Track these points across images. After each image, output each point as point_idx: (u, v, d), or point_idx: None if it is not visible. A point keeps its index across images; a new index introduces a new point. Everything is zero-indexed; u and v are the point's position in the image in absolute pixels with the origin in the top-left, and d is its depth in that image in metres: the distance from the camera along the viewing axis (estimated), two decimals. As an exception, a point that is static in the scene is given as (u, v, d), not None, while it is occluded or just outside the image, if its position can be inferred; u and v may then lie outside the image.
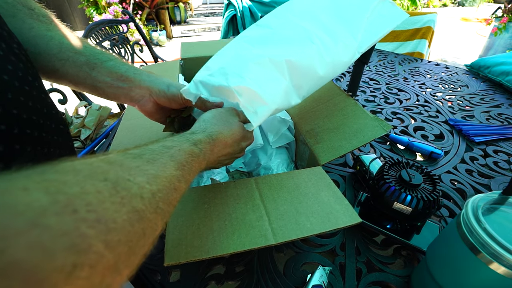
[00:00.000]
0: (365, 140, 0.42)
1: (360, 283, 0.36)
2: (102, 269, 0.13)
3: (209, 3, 5.87)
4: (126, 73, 0.36)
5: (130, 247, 0.15)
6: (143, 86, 0.37)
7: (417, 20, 1.63)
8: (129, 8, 3.58)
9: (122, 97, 0.37)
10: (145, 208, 0.16)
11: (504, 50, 2.76)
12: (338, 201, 0.35)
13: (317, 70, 0.41)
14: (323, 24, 0.42)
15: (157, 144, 0.23)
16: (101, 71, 0.35)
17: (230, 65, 0.38)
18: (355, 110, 0.48)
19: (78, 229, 0.12)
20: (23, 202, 0.11)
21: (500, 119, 0.76)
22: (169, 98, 0.37)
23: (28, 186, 0.12)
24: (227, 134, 0.32)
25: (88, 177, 0.14)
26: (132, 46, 1.31)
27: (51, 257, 0.11)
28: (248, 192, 0.36)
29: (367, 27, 0.44)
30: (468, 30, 4.87)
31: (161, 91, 0.37)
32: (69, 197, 0.13)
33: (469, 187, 0.52)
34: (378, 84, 0.97)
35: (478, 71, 1.06)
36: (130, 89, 0.36)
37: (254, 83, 0.37)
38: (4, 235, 0.10)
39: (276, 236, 0.31)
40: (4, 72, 0.24)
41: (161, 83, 0.37)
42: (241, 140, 0.35)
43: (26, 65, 0.28)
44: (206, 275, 0.37)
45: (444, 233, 0.31)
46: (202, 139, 0.28)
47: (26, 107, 0.26)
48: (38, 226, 0.11)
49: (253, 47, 0.39)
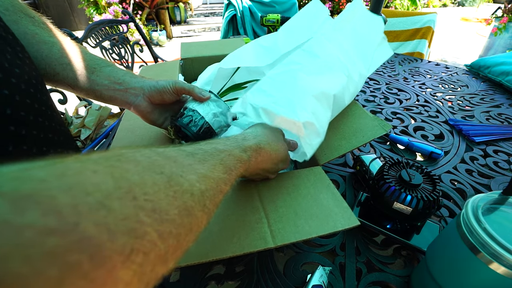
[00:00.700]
0: (365, 140, 0.42)
1: (360, 283, 0.36)
2: (154, 258, 0.13)
3: (209, 3, 5.87)
4: (123, 76, 0.38)
5: (178, 240, 0.15)
6: (137, 87, 0.38)
7: (417, 20, 1.63)
8: (129, 8, 3.58)
9: (118, 98, 0.39)
10: (194, 205, 0.17)
11: (504, 50, 2.76)
12: (337, 203, 0.35)
13: (345, 100, 0.45)
14: (349, 55, 0.46)
15: (210, 146, 0.24)
16: (100, 75, 0.37)
17: (294, 96, 0.40)
18: (355, 110, 0.48)
19: (137, 215, 0.13)
20: (92, 183, 0.12)
21: (500, 119, 0.76)
22: (159, 91, 0.38)
23: (97, 169, 0.13)
24: (274, 148, 0.33)
25: (146, 169, 0.15)
26: (132, 46, 1.31)
27: (113, 238, 0.11)
28: (247, 193, 0.36)
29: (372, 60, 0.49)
30: (468, 30, 4.87)
31: (151, 86, 0.38)
32: (130, 184, 0.13)
33: (469, 187, 0.52)
34: (378, 84, 0.97)
35: (478, 71, 1.06)
36: (125, 91, 0.38)
37: (315, 118, 0.40)
38: (78, 210, 0.11)
39: (275, 238, 0.31)
40: (12, 75, 0.24)
41: (152, 81, 0.39)
42: (282, 160, 0.35)
43: (30, 67, 0.28)
44: (206, 275, 0.37)
45: (444, 233, 0.31)
46: (252, 146, 0.29)
47: (32, 109, 0.27)
48: (104, 207, 0.11)
49: (309, 77, 0.42)
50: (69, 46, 0.37)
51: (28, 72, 0.28)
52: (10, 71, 0.25)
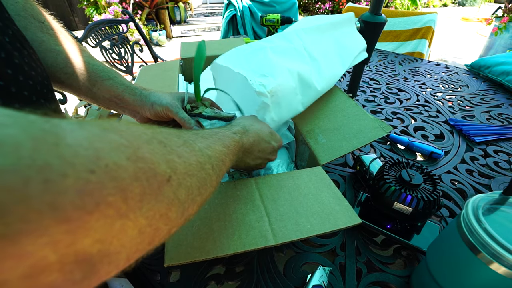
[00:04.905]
0: (366, 140, 0.42)
1: (360, 283, 0.36)
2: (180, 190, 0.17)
3: (209, 3, 5.87)
4: (122, 93, 0.39)
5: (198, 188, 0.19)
6: (136, 106, 0.40)
7: (417, 20, 1.63)
8: (129, 8, 3.57)
9: (120, 111, 0.42)
10: (205, 162, 0.21)
11: (505, 50, 2.75)
12: (338, 201, 0.35)
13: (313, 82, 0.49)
14: (323, 50, 0.53)
15: (206, 130, 0.29)
16: (100, 88, 0.38)
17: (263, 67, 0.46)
18: (356, 111, 0.48)
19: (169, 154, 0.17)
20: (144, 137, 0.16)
21: (501, 119, 0.76)
22: (154, 115, 0.40)
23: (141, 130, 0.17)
24: (257, 127, 0.38)
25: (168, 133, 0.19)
26: (132, 46, 1.31)
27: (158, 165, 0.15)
28: (248, 192, 0.36)
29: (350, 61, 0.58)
30: (468, 30, 4.87)
31: (148, 109, 0.40)
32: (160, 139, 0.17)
33: (470, 187, 0.52)
34: (378, 84, 0.97)
35: (478, 71, 1.06)
36: (124, 108, 0.41)
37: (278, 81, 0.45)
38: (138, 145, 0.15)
39: (276, 237, 0.31)
40: (30, 77, 0.26)
41: (147, 102, 0.40)
42: (270, 136, 0.39)
43: (42, 69, 0.30)
44: (206, 275, 0.37)
45: (445, 233, 0.31)
46: (239, 129, 0.34)
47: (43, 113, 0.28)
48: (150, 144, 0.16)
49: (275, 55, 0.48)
50: (74, 55, 0.38)
51: (41, 74, 0.29)
52: (28, 73, 0.26)
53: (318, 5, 4.88)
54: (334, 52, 0.55)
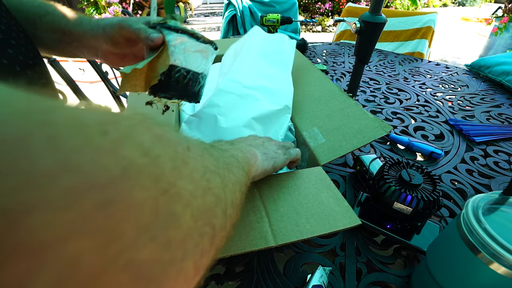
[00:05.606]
0: (366, 140, 0.42)
1: (360, 283, 0.36)
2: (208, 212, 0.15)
3: (209, 3, 5.87)
4: (66, 26, 0.31)
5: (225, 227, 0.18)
6: (89, 44, 0.32)
7: (417, 20, 1.63)
8: (129, 8, 3.58)
9: (80, 54, 0.34)
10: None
11: (505, 50, 2.75)
12: (338, 202, 0.35)
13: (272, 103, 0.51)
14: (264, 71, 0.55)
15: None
16: (43, 29, 0.31)
17: None
18: (356, 111, 0.48)
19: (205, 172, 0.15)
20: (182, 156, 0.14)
21: (501, 119, 0.76)
22: (112, 45, 0.32)
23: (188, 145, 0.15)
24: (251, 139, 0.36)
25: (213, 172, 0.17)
26: (132, 46, 1.30)
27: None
28: (248, 192, 0.36)
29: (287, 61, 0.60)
30: (468, 30, 4.87)
31: (101, 40, 0.32)
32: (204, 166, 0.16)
33: (470, 187, 0.52)
34: (378, 84, 0.97)
35: (478, 71, 1.06)
36: (79, 47, 0.33)
37: None
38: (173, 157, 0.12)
39: (276, 238, 0.31)
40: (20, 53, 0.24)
41: (99, 30, 0.32)
42: (268, 140, 0.37)
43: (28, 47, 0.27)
44: (206, 275, 0.37)
45: (444, 233, 0.31)
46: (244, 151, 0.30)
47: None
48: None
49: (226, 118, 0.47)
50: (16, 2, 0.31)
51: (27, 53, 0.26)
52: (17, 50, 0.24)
53: (318, 5, 4.88)
54: (269, 65, 0.56)
